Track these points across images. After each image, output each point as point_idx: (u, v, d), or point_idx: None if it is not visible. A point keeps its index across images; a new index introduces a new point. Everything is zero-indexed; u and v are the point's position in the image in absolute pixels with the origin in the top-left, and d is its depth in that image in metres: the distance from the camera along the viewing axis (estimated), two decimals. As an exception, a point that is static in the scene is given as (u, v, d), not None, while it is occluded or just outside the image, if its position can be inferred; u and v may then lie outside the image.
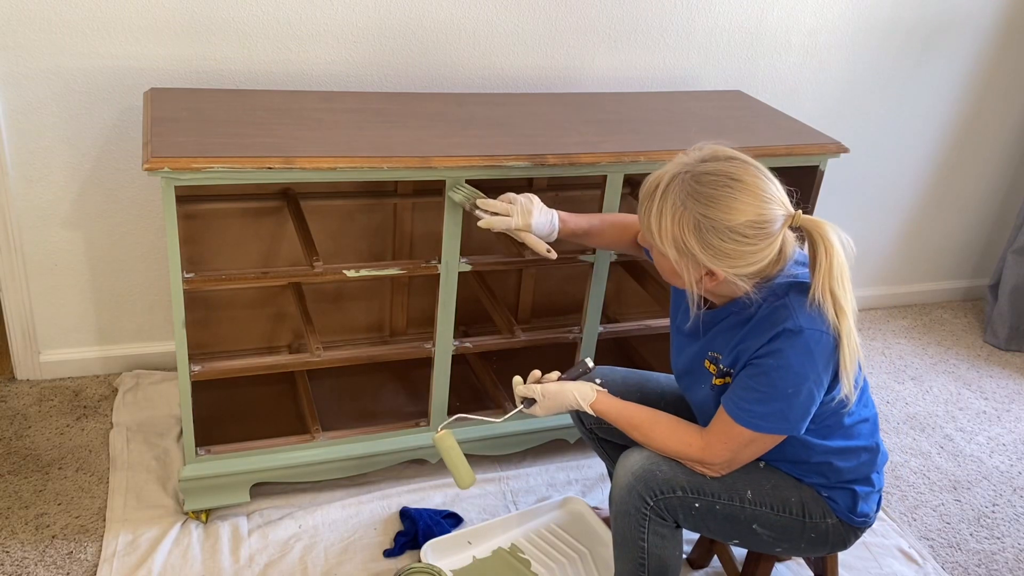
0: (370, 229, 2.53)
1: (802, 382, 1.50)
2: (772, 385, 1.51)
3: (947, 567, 2.24)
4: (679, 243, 1.48)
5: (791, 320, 1.49)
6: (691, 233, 1.46)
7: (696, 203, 1.46)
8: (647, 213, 1.51)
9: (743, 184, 1.46)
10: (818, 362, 1.50)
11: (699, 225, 1.45)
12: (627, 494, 1.63)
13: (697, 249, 1.47)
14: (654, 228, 1.50)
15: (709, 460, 1.60)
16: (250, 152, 1.79)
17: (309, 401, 2.27)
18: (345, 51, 2.39)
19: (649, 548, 1.65)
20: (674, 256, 1.50)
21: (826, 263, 1.49)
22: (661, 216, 1.48)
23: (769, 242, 1.47)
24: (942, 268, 3.57)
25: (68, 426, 2.37)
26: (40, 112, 2.24)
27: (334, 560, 2.02)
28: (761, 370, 1.52)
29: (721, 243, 1.46)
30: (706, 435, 1.60)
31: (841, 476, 1.65)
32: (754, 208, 1.46)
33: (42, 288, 2.45)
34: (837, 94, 2.98)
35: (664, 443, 1.63)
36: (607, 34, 2.61)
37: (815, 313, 1.50)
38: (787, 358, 1.49)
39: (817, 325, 1.49)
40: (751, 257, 1.47)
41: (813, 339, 1.49)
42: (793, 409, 1.52)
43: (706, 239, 1.46)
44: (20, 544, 2.00)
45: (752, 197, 1.46)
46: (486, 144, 1.99)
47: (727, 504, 1.63)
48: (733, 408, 1.56)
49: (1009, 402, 2.97)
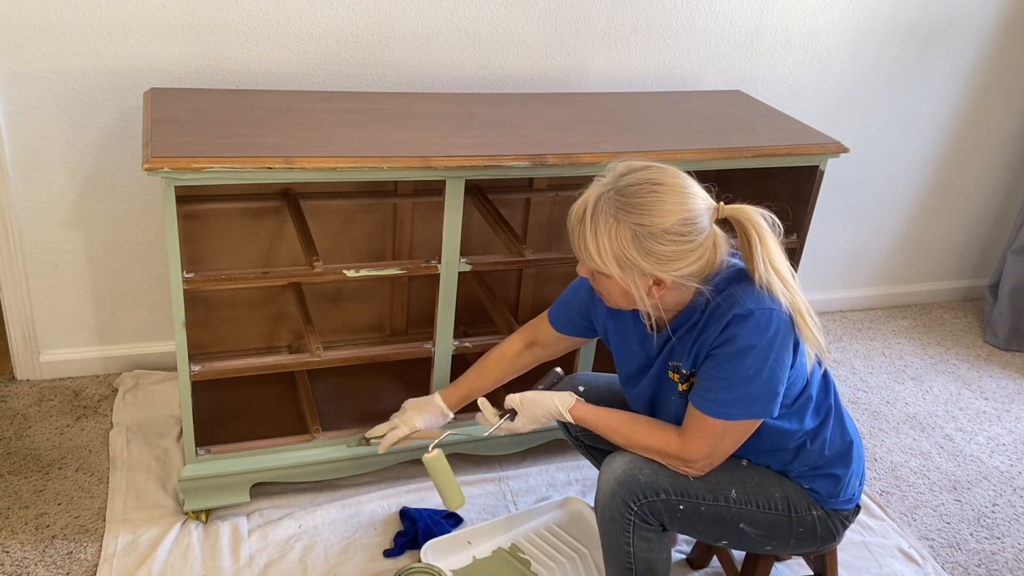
0: (370, 229, 2.53)
1: (762, 362, 1.52)
2: (733, 371, 1.53)
3: (947, 567, 2.24)
4: (620, 258, 1.51)
5: (739, 306, 1.52)
6: (630, 244, 1.49)
7: (627, 214, 1.49)
8: (582, 239, 1.54)
9: (666, 186, 1.50)
10: (775, 340, 1.52)
11: (636, 235, 1.48)
12: (611, 500, 1.64)
13: (639, 259, 1.49)
14: (592, 250, 1.52)
15: (689, 457, 1.61)
16: (250, 152, 1.79)
17: (309, 401, 2.27)
18: (345, 51, 2.39)
19: (636, 552, 1.65)
20: (618, 273, 1.52)
21: (760, 244, 1.52)
22: (597, 237, 1.51)
23: (704, 236, 1.51)
24: (942, 268, 3.57)
25: (68, 426, 2.37)
26: (40, 112, 2.24)
27: (334, 560, 2.02)
28: (720, 359, 1.54)
29: (660, 247, 1.49)
30: (683, 433, 1.62)
31: (820, 459, 1.66)
32: (682, 206, 1.49)
33: (42, 288, 2.45)
34: (837, 94, 2.98)
35: (644, 444, 1.65)
36: (607, 34, 2.61)
37: (763, 293, 1.53)
38: (742, 341, 1.52)
39: (765, 304, 1.52)
40: (691, 255, 1.50)
41: (764, 318, 1.51)
42: (759, 390, 1.54)
43: (645, 246, 1.49)
44: (20, 544, 2.00)
45: (677, 196, 1.49)
46: (486, 144, 1.99)
47: (712, 504, 1.63)
48: (701, 401, 1.58)
49: (1009, 402, 2.97)
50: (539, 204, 2.64)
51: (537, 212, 2.65)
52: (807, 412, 1.64)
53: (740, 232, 1.55)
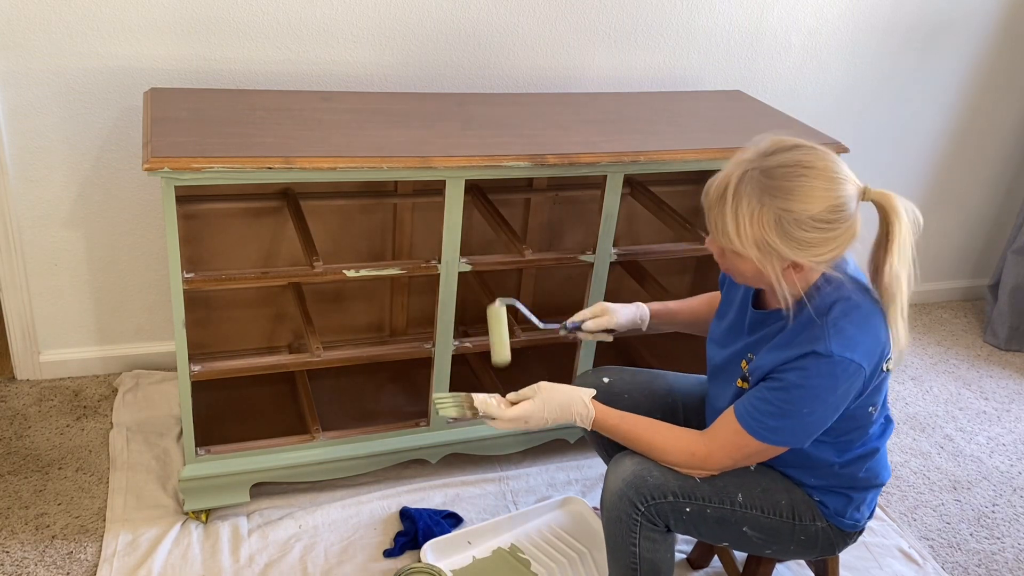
0: (370, 229, 2.53)
1: (820, 407, 1.49)
2: (790, 402, 1.49)
3: (947, 567, 2.24)
4: (761, 242, 1.44)
5: (822, 343, 1.46)
6: (772, 230, 1.42)
7: (773, 198, 1.41)
8: (720, 217, 1.46)
9: (816, 170, 1.43)
10: (838, 389, 1.48)
11: (780, 220, 1.41)
12: (618, 500, 1.63)
13: (780, 245, 1.43)
14: (732, 231, 1.45)
15: (712, 467, 1.60)
16: (250, 152, 1.79)
17: (309, 401, 2.27)
18: (345, 51, 2.39)
19: (641, 553, 1.65)
20: (756, 256, 1.45)
21: (898, 239, 1.46)
22: (738, 218, 1.44)
23: (850, 223, 1.45)
24: (942, 268, 3.57)
25: (68, 426, 2.37)
26: (40, 112, 2.24)
27: (334, 560, 2.02)
28: (782, 384, 1.50)
29: (805, 234, 1.42)
30: (708, 443, 1.59)
31: (842, 481, 1.65)
32: (832, 192, 1.42)
33: (42, 288, 2.45)
34: (837, 94, 2.98)
35: (664, 454, 1.62)
36: (607, 34, 2.61)
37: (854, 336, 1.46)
38: (810, 379, 1.47)
39: (847, 353, 1.46)
40: (834, 242, 1.44)
41: (841, 367, 1.46)
42: (805, 428, 1.52)
43: (789, 233, 1.42)
44: (20, 544, 2.00)
45: (827, 181, 1.43)
46: (486, 144, 1.99)
47: (718, 507, 1.63)
48: (746, 417, 1.54)
49: (1009, 402, 2.97)
50: (539, 204, 2.64)
51: (537, 212, 2.65)
52: (853, 446, 1.62)
53: (882, 219, 1.48)
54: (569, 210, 2.68)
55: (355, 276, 2.01)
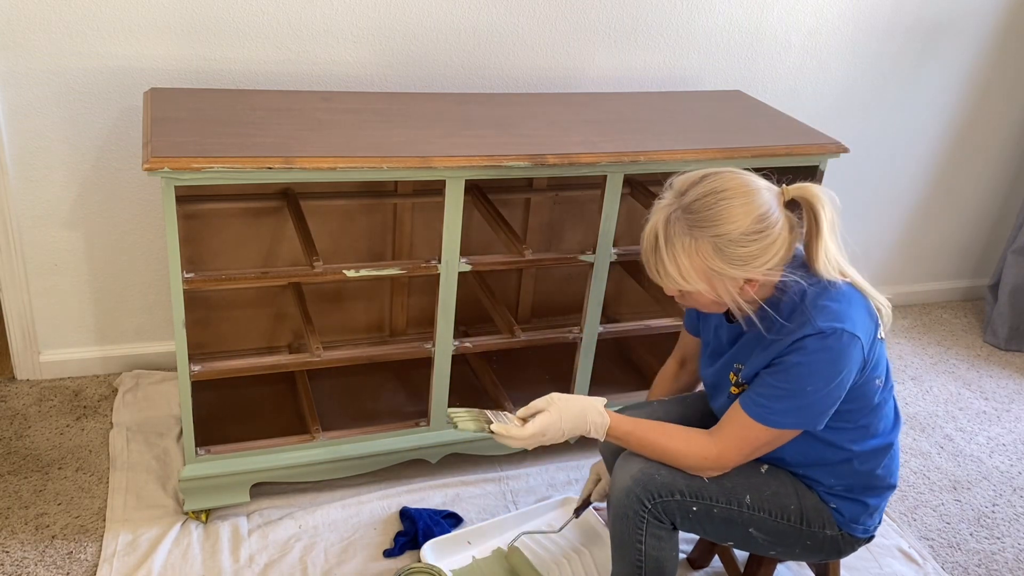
0: (370, 229, 2.53)
1: (821, 382, 1.51)
2: (791, 381, 1.52)
3: (947, 567, 2.24)
4: (706, 273, 1.50)
5: (810, 325, 1.50)
6: (714, 257, 1.48)
7: (702, 230, 1.48)
8: (660, 266, 1.53)
9: (730, 191, 1.49)
10: (838, 361, 1.50)
11: (716, 246, 1.48)
12: (626, 497, 1.64)
13: (726, 268, 1.49)
14: (674, 274, 1.52)
15: (724, 466, 1.61)
16: (250, 152, 1.79)
17: (309, 401, 2.27)
18: (345, 51, 2.39)
19: (646, 550, 1.65)
20: (705, 288, 1.52)
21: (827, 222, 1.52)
22: (677, 260, 1.50)
23: (781, 225, 1.50)
24: (942, 268, 3.57)
25: (68, 426, 2.37)
26: (40, 112, 2.24)
27: (334, 560, 2.02)
28: (782, 366, 1.53)
29: (743, 250, 1.48)
30: (718, 442, 1.60)
31: (859, 483, 1.65)
32: (752, 204, 1.49)
33: (42, 288, 2.45)
34: (837, 94, 2.98)
35: (677, 459, 1.62)
36: (607, 34, 2.61)
37: (831, 306, 1.51)
38: (808, 355, 1.50)
39: (837, 323, 1.49)
40: (773, 247, 1.50)
41: (834, 338, 1.49)
42: (811, 406, 1.53)
43: (730, 255, 1.48)
44: (20, 544, 2.00)
45: (744, 197, 1.49)
46: (486, 144, 1.99)
47: (725, 508, 1.63)
48: (752, 405, 1.56)
49: (1009, 402, 2.97)
50: (539, 204, 2.64)
51: (537, 212, 2.65)
52: (869, 434, 1.63)
53: (806, 211, 1.54)
54: (569, 210, 2.68)
55: (355, 276, 2.01)
